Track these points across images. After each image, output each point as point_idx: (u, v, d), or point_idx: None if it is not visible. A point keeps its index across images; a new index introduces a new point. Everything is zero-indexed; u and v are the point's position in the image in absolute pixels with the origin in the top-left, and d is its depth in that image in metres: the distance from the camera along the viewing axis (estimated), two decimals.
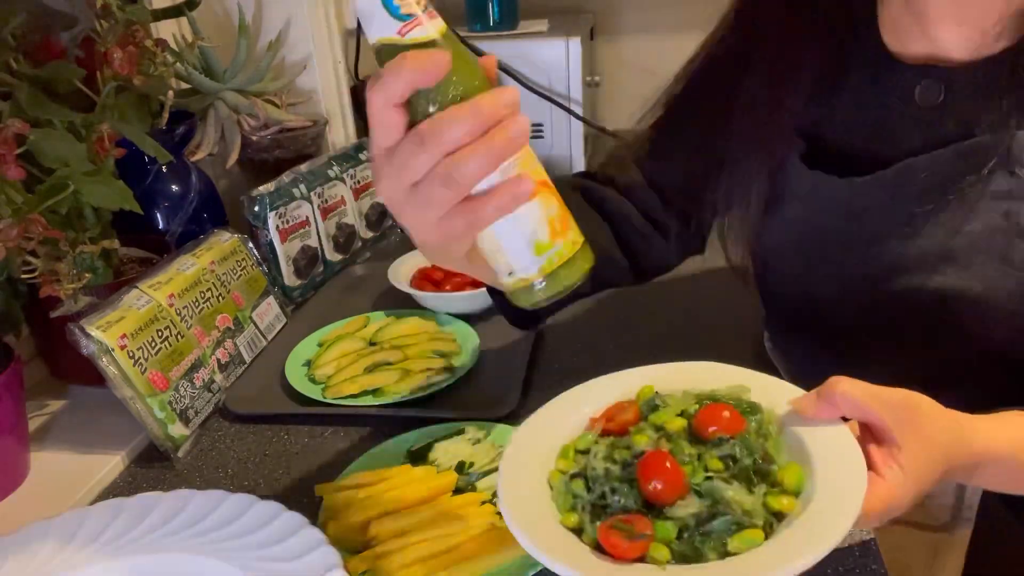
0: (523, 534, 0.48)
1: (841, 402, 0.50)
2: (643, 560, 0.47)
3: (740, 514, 0.47)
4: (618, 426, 0.55)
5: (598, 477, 0.51)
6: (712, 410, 0.53)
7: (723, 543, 0.47)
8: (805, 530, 0.46)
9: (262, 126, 1.15)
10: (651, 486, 0.49)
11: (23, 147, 0.71)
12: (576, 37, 1.38)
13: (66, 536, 0.62)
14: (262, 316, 0.96)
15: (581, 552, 0.48)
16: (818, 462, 0.49)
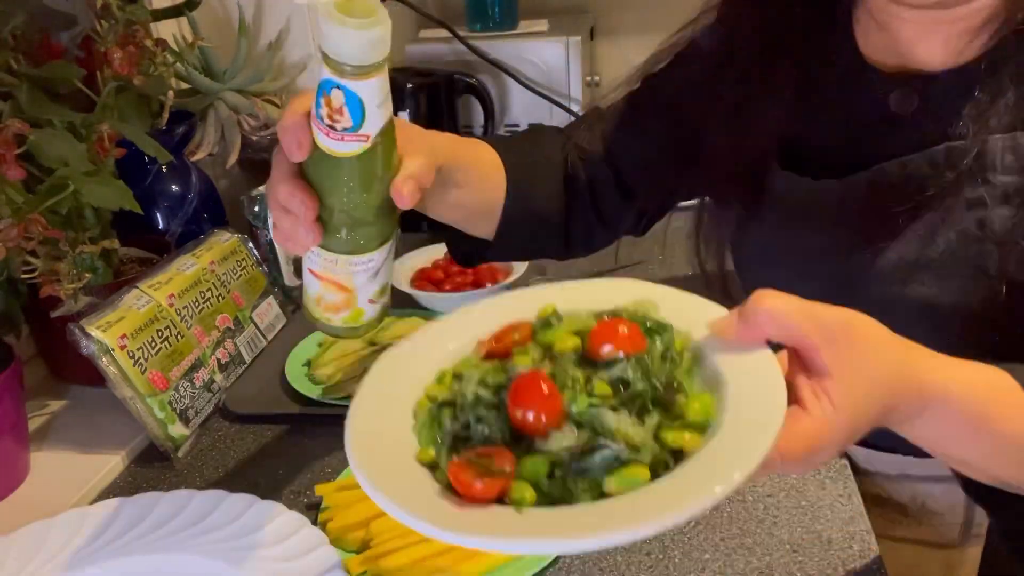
0: (361, 469, 0.41)
1: (765, 320, 0.43)
2: (502, 502, 0.39)
3: (624, 448, 0.40)
4: (504, 348, 0.47)
5: (466, 404, 0.43)
6: (607, 326, 0.45)
7: (599, 482, 0.39)
8: (697, 472, 0.38)
9: (262, 126, 1.14)
10: (520, 413, 0.41)
11: (23, 147, 0.71)
12: (576, 37, 1.38)
13: (66, 536, 0.62)
14: (262, 316, 0.96)
15: (426, 494, 0.40)
16: (732, 393, 0.42)
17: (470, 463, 0.40)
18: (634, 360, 0.43)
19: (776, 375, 0.42)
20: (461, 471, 0.40)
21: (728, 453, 0.38)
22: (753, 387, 0.42)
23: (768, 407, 0.40)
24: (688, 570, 0.61)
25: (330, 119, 0.47)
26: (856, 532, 0.64)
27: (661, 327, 0.46)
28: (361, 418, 0.44)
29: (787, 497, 0.68)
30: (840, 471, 0.70)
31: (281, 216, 0.53)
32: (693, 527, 0.65)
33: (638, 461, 0.39)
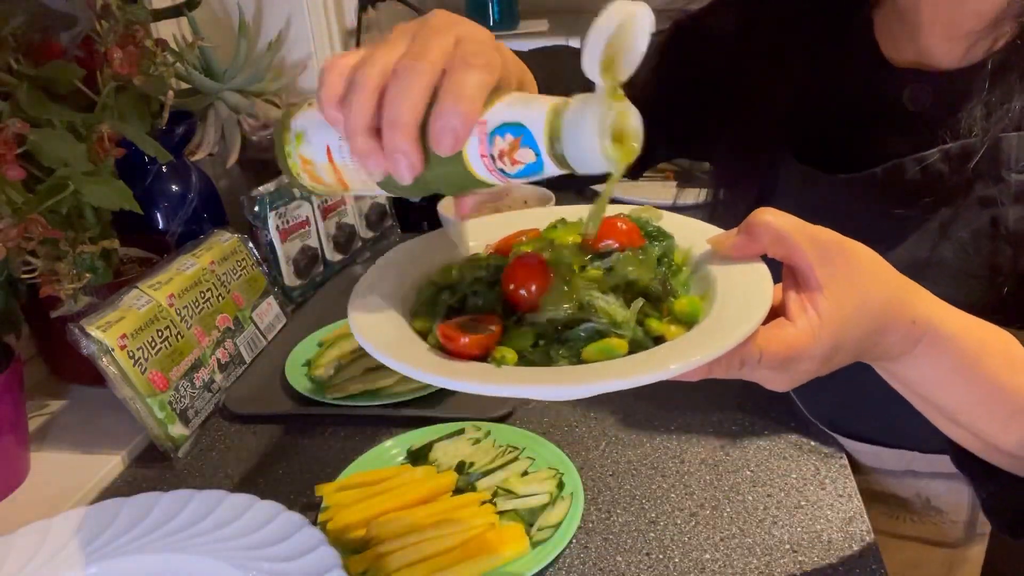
0: (357, 325, 0.43)
1: (763, 233, 0.44)
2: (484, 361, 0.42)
3: (606, 324, 0.42)
4: (510, 245, 0.49)
5: (464, 283, 0.46)
6: (608, 222, 0.47)
7: (578, 350, 0.41)
8: (670, 349, 0.41)
9: (262, 126, 1.14)
10: (512, 287, 0.43)
11: (23, 147, 0.71)
12: (576, 37, 1.38)
13: (66, 536, 0.62)
14: (262, 316, 0.96)
15: (415, 349, 0.43)
16: (720, 295, 0.44)
17: (459, 324, 0.43)
18: (628, 252, 0.45)
19: (765, 280, 0.44)
20: (449, 328, 0.42)
21: (703, 339, 0.40)
22: (742, 291, 0.44)
23: (752, 305, 0.42)
24: (688, 570, 0.61)
25: (500, 159, 0.43)
26: (856, 532, 0.64)
27: (661, 233, 0.48)
28: (365, 292, 0.47)
29: (787, 497, 0.68)
30: (840, 471, 0.70)
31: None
32: (693, 527, 0.65)
33: (618, 335, 0.42)
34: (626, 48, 0.42)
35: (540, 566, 0.61)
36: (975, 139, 0.60)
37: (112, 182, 0.78)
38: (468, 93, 0.39)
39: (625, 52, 0.42)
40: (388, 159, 0.41)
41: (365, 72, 0.41)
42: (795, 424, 0.77)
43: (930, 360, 0.47)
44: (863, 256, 0.45)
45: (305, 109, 0.51)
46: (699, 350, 0.39)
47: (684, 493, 0.69)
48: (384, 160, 0.42)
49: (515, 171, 0.42)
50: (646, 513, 0.67)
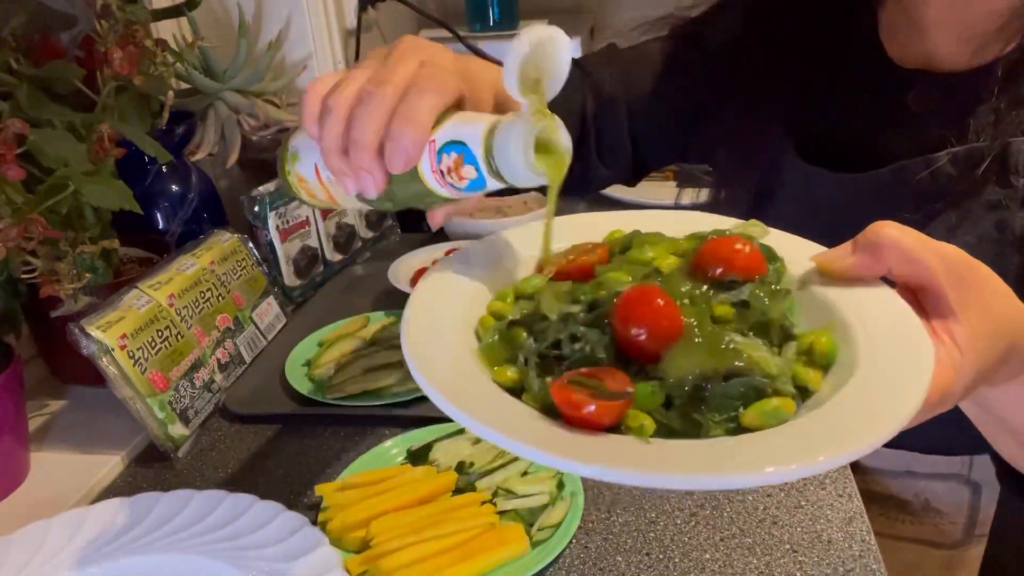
0: (437, 390, 0.35)
1: (889, 252, 0.39)
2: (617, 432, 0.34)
3: (761, 377, 0.34)
4: (580, 268, 0.42)
5: (550, 323, 0.38)
6: (720, 244, 0.39)
7: (735, 413, 0.34)
8: (854, 409, 0.33)
9: (262, 126, 1.14)
10: (633, 332, 0.35)
11: (23, 147, 0.71)
12: (576, 37, 1.38)
13: (66, 536, 0.62)
14: (262, 316, 0.96)
15: (526, 417, 0.35)
16: (859, 332, 0.37)
17: (579, 384, 0.34)
18: (758, 283, 0.37)
19: (908, 313, 0.37)
20: (571, 392, 0.34)
21: (881, 397, 0.33)
22: (885, 326, 0.37)
23: (912, 346, 0.35)
24: (688, 570, 0.61)
25: (448, 175, 0.44)
26: (856, 532, 0.64)
27: (771, 254, 0.41)
28: (418, 342, 0.39)
29: (787, 497, 0.68)
30: (840, 471, 0.70)
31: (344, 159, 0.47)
32: (693, 527, 0.65)
33: (780, 392, 0.34)
34: (549, 69, 0.44)
35: (540, 566, 0.61)
36: (984, 143, 0.58)
37: (112, 182, 0.78)
38: (416, 116, 0.43)
39: (548, 72, 0.44)
40: (355, 177, 0.45)
41: (337, 96, 0.45)
42: None
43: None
44: (991, 277, 0.41)
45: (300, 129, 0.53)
46: (890, 412, 0.32)
47: (684, 493, 0.69)
48: (353, 178, 0.45)
49: (463, 186, 0.45)
50: (646, 513, 0.67)
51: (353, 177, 0.45)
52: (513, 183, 0.43)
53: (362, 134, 0.43)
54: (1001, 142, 0.58)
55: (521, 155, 0.41)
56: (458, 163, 0.44)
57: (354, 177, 0.45)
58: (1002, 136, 0.58)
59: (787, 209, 0.71)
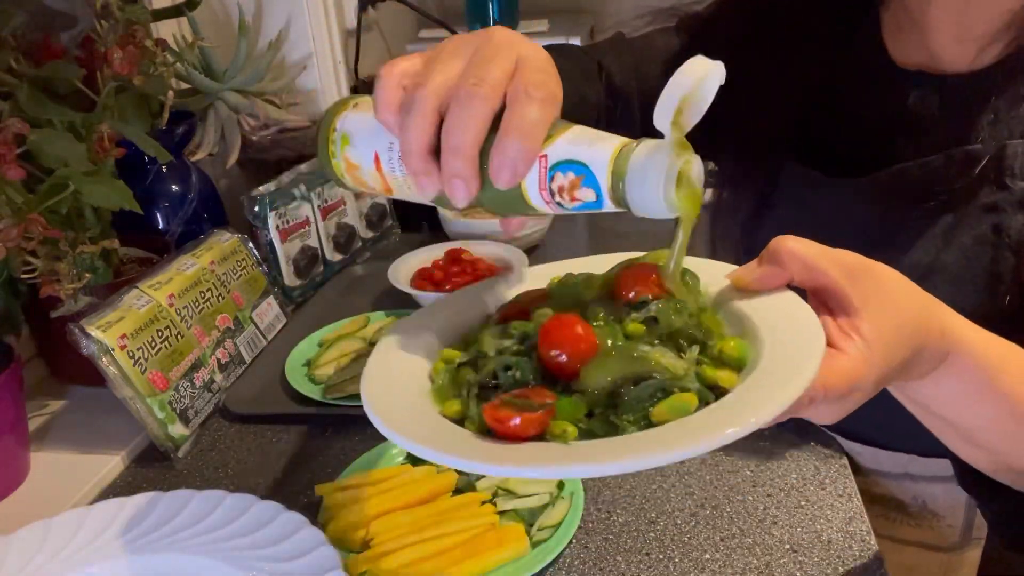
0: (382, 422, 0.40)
1: (789, 261, 0.43)
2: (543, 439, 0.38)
3: (667, 378, 0.39)
4: (520, 309, 0.46)
5: (488, 357, 0.43)
6: (634, 271, 0.44)
7: (645, 411, 0.38)
8: (748, 395, 0.38)
9: (262, 126, 1.15)
10: (553, 354, 0.40)
11: (23, 147, 0.71)
12: (576, 37, 1.38)
13: (66, 536, 0.62)
14: (262, 316, 0.96)
15: (462, 437, 0.40)
16: (765, 333, 0.42)
17: (506, 403, 0.39)
18: (664, 300, 0.42)
19: (806, 311, 0.42)
20: (498, 409, 0.39)
21: (773, 383, 0.38)
22: (787, 324, 0.42)
23: (806, 340, 0.40)
24: (688, 570, 0.61)
25: (559, 194, 0.43)
26: (856, 532, 0.64)
27: (689, 273, 0.46)
28: (376, 387, 0.45)
29: (787, 497, 0.68)
30: (840, 471, 0.70)
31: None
32: (693, 527, 0.65)
33: (685, 389, 0.39)
34: (695, 100, 0.41)
35: (540, 566, 0.61)
36: (980, 145, 0.59)
37: (112, 182, 0.78)
38: (530, 129, 0.40)
39: (693, 104, 0.41)
40: (445, 182, 0.41)
41: (425, 90, 0.41)
42: (795, 425, 0.77)
43: (954, 376, 0.47)
44: (889, 275, 0.44)
45: (351, 110, 0.50)
46: (775, 396, 0.37)
47: (684, 493, 0.69)
48: (440, 182, 0.42)
49: (573, 206, 0.42)
50: (646, 513, 0.67)
51: (440, 182, 0.42)
52: (639, 213, 0.41)
53: (461, 140, 0.40)
54: (998, 144, 0.59)
55: (660, 189, 0.40)
56: (575, 184, 0.42)
57: (442, 182, 0.42)
58: (999, 138, 0.59)
59: (786, 213, 0.71)
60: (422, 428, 0.41)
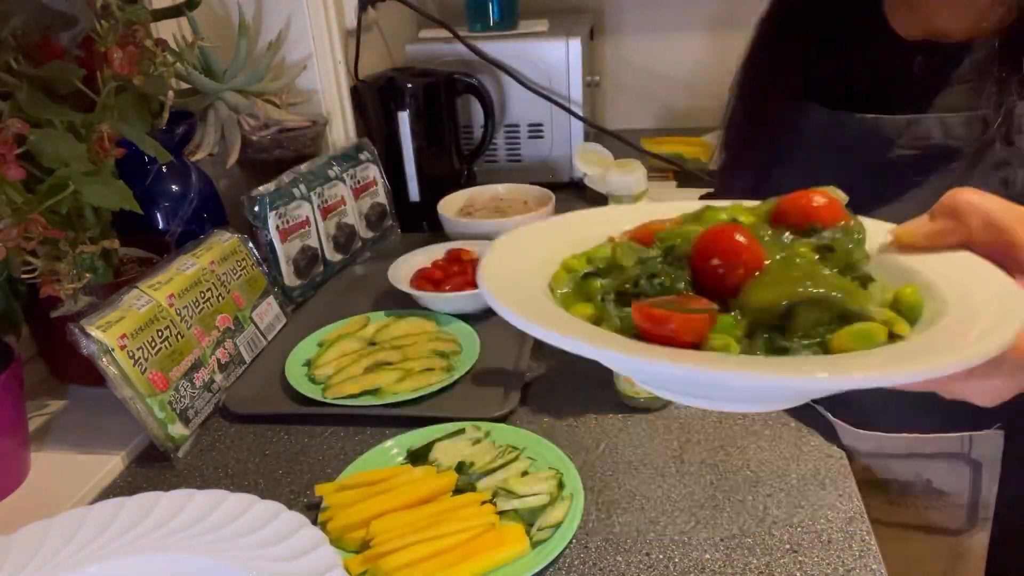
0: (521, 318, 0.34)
1: (970, 216, 0.39)
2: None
3: (848, 306, 0.34)
4: (652, 232, 0.40)
5: (627, 269, 0.37)
6: (799, 196, 0.39)
7: (823, 336, 0.34)
8: (944, 338, 0.33)
9: (262, 126, 1.15)
10: (714, 263, 0.35)
11: (23, 147, 0.71)
12: (576, 37, 1.38)
13: (66, 536, 0.62)
14: (262, 316, 0.96)
15: (610, 335, 0.34)
16: (942, 288, 0.37)
17: (661, 303, 0.33)
18: (842, 228, 0.38)
19: (993, 269, 0.37)
20: (651, 308, 0.33)
21: (974, 331, 0.33)
22: (971, 278, 0.37)
23: (1003, 298, 0.35)
24: (688, 570, 0.61)
25: None
26: (856, 532, 0.64)
27: (856, 221, 0.40)
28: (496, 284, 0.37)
29: (787, 497, 0.68)
30: (840, 471, 0.70)
31: None
32: (693, 527, 0.65)
33: (872, 319, 0.34)
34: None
35: (540, 566, 0.61)
36: (989, 110, 0.62)
37: (112, 182, 0.78)
38: None
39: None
40: None
41: None
42: (795, 424, 0.77)
43: None
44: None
45: None
46: (987, 337, 0.31)
47: (684, 493, 0.69)
48: None
49: None
50: (646, 513, 0.67)
51: None
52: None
53: None
54: (1007, 107, 0.61)
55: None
56: None
57: None
58: (1006, 102, 0.62)
59: (800, 163, 0.73)
60: (561, 322, 0.35)
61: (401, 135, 1.26)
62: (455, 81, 1.31)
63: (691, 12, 1.67)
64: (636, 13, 1.71)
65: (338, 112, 1.29)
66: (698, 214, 0.42)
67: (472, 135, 1.45)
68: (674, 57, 1.70)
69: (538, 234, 0.45)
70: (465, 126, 1.45)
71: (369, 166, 1.21)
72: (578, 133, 1.43)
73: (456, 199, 1.26)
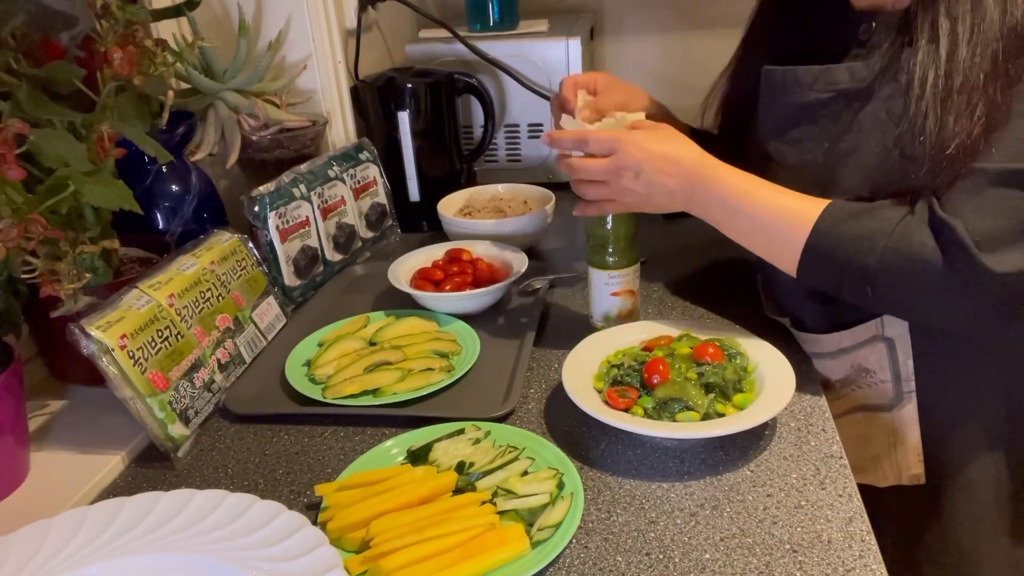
0: (566, 383, 0.80)
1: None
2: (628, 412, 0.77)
3: (690, 402, 0.75)
4: (653, 345, 0.86)
5: (623, 367, 0.82)
6: (704, 345, 0.82)
7: (673, 415, 0.75)
8: (724, 420, 0.75)
9: (262, 126, 1.14)
10: (648, 376, 0.79)
11: (23, 147, 0.71)
12: (576, 37, 1.38)
13: (66, 536, 0.62)
14: (262, 316, 0.96)
15: (595, 399, 0.79)
16: (767, 390, 0.78)
17: (616, 391, 0.79)
18: (713, 365, 0.79)
19: (790, 377, 0.79)
20: (611, 393, 0.79)
21: (746, 416, 0.75)
22: (778, 386, 0.78)
23: (781, 395, 0.77)
24: (688, 570, 0.61)
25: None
26: (856, 532, 0.64)
27: (738, 354, 0.83)
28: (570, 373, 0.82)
29: (787, 497, 0.68)
30: (840, 471, 0.70)
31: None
32: (693, 527, 0.65)
33: (695, 411, 0.75)
34: None
35: (540, 566, 0.61)
36: (881, 57, 0.80)
37: (112, 182, 0.78)
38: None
39: None
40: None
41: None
42: (795, 424, 0.77)
43: (717, 202, 0.81)
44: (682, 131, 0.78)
45: None
46: (732, 424, 0.74)
47: (684, 493, 0.69)
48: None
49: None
50: (646, 513, 0.67)
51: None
52: None
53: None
54: (897, 53, 0.78)
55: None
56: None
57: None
58: (897, 49, 0.79)
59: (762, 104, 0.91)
60: (581, 391, 0.79)
61: (401, 135, 1.27)
62: (455, 81, 1.31)
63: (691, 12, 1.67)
64: (636, 13, 1.71)
65: (338, 112, 1.29)
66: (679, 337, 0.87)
67: (472, 135, 1.45)
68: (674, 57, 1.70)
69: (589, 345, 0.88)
70: (465, 126, 1.45)
71: (369, 166, 1.21)
72: None
73: (456, 199, 1.26)
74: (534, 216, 1.16)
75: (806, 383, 0.83)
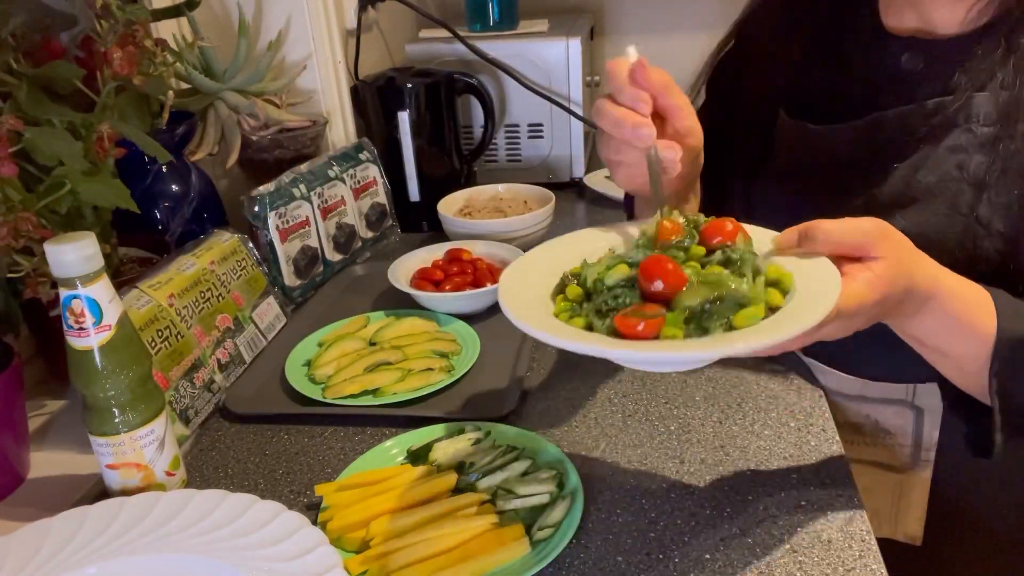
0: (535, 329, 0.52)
1: (823, 242, 0.56)
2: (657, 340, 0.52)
3: (741, 296, 0.53)
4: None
5: (603, 288, 0.57)
6: (716, 223, 0.60)
7: (727, 319, 0.53)
8: (794, 312, 0.53)
9: (262, 126, 1.15)
10: (652, 286, 0.54)
11: (19, 145, 0.71)
12: (576, 37, 1.38)
13: (66, 536, 0.62)
14: (262, 316, 0.96)
15: (599, 337, 0.53)
16: (800, 276, 0.57)
17: (631, 313, 0.53)
18: (737, 244, 0.58)
19: (829, 264, 0.57)
20: (626, 318, 0.53)
21: (810, 305, 0.52)
22: (815, 271, 0.56)
23: (829, 278, 0.55)
24: (688, 570, 0.61)
25: (77, 323, 0.61)
26: (856, 532, 0.64)
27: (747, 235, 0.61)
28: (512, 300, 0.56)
29: (787, 497, 0.68)
30: (840, 471, 0.70)
31: None
32: (693, 527, 0.65)
33: (751, 305, 0.53)
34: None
35: (540, 566, 0.61)
36: (950, 97, 0.68)
37: (109, 181, 0.78)
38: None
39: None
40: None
41: None
42: (795, 424, 0.77)
43: (939, 313, 0.60)
44: (897, 232, 0.57)
45: None
46: (815, 310, 0.51)
47: (684, 493, 0.69)
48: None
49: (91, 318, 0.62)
50: (646, 513, 0.67)
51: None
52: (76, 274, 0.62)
53: None
54: (967, 96, 0.67)
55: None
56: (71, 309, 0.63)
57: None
58: (969, 90, 0.67)
59: (784, 163, 0.80)
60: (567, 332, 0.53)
61: (401, 135, 1.27)
62: (455, 81, 1.31)
63: (691, 12, 1.67)
64: (636, 13, 1.71)
65: (338, 112, 1.29)
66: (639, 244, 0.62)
67: (472, 135, 1.45)
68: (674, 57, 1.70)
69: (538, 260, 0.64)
70: (465, 126, 1.45)
71: (369, 166, 1.21)
72: (578, 133, 1.44)
73: (456, 199, 1.26)
74: (534, 216, 1.16)
75: (807, 383, 0.83)
